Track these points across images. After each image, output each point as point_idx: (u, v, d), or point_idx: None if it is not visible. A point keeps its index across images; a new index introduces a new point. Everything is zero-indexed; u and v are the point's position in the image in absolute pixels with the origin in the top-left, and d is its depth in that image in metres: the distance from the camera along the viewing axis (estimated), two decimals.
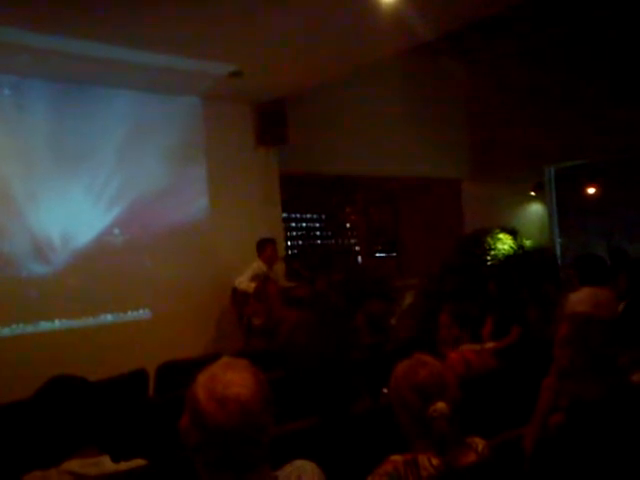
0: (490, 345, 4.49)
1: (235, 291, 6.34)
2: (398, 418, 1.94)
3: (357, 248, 8.79)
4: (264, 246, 6.40)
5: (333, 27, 4.94)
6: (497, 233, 8.88)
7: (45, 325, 5.63)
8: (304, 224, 8.30)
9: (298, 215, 8.20)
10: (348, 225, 8.84)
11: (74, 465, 1.96)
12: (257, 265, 6.30)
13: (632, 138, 8.05)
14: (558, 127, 8.58)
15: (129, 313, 6.12)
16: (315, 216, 8.43)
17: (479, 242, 8.72)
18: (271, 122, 6.98)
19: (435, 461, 1.81)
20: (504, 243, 8.82)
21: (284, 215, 7.60)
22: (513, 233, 9.05)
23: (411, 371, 1.94)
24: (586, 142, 8.41)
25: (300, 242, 8.19)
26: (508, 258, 8.61)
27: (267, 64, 5.71)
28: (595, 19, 7.73)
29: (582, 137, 8.39)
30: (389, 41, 5.45)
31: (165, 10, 4.41)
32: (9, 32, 4.60)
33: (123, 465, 2.04)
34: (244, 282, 6.22)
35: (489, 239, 8.77)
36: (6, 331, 5.43)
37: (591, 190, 10.13)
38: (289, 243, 7.92)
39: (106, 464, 2.00)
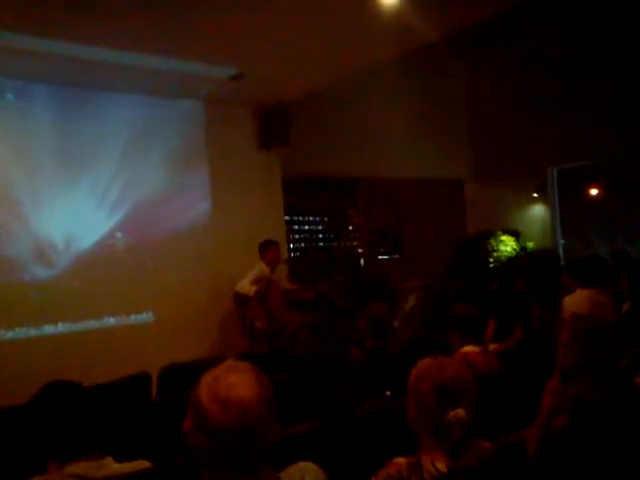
0: (492, 347, 4.49)
1: (237, 294, 6.33)
2: (411, 414, 1.89)
3: (360, 250, 8.79)
4: (267, 248, 6.38)
5: (334, 30, 4.94)
6: (500, 235, 8.89)
7: (48, 328, 5.64)
8: (306, 227, 8.30)
9: (300, 217, 8.20)
10: (350, 227, 8.84)
11: (77, 468, 1.96)
12: (259, 268, 6.28)
13: (635, 138, 8.03)
14: (561, 128, 8.57)
15: (132, 316, 6.13)
16: (317, 218, 8.43)
17: (482, 244, 8.72)
18: (273, 125, 6.98)
19: (439, 464, 1.80)
20: (507, 245, 8.83)
21: (286, 218, 7.60)
22: (516, 235, 9.06)
23: (436, 369, 1.86)
24: (589, 143, 8.39)
25: (303, 244, 8.19)
26: (511, 260, 8.61)
27: (268, 67, 5.72)
28: (597, 19, 7.72)
29: (585, 138, 8.37)
30: (391, 44, 5.44)
31: (166, 14, 4.42)
32: (12, 37, 4.62)
33: (127, 466, 2.05)
34: (245, 285, 6.20)
35: (492, 241, 8.77)
36: (9, 334, 5.44)
37: (594, 191, 10.12)
38: (292, 246, 7.92)
39: (110, 465, 2.01)
